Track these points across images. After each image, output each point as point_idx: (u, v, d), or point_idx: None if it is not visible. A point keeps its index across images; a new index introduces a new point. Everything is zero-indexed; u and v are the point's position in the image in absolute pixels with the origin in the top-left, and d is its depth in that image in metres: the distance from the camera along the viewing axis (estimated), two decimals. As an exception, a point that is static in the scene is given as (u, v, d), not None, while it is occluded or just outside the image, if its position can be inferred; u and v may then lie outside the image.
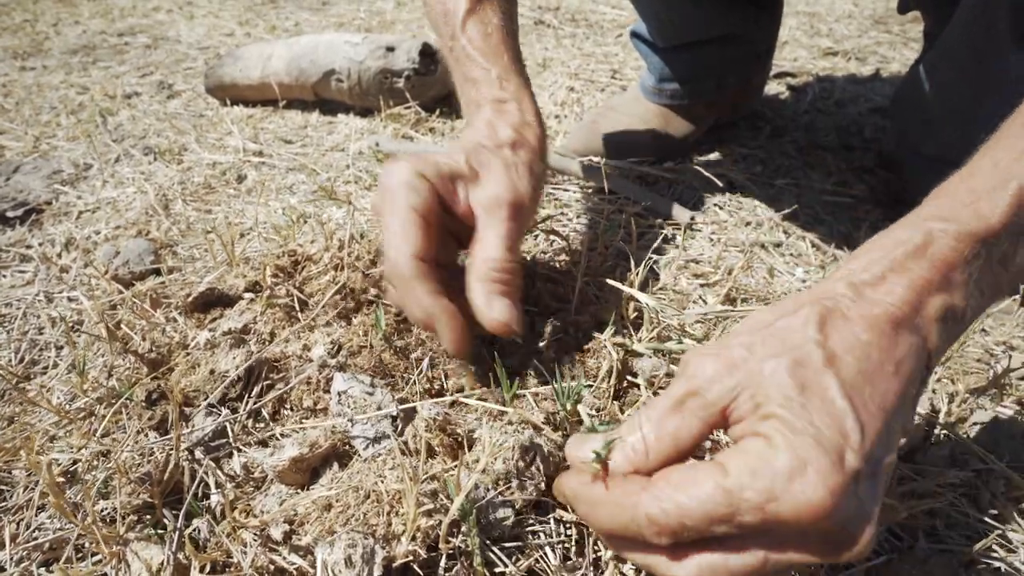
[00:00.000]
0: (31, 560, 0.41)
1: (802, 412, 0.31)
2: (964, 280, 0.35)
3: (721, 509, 0.30)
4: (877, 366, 0.33)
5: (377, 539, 0.38)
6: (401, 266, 0.45)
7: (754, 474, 0.30)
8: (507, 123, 0.54)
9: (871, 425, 0.31)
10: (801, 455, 0.30)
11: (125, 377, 0.53)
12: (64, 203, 0.86)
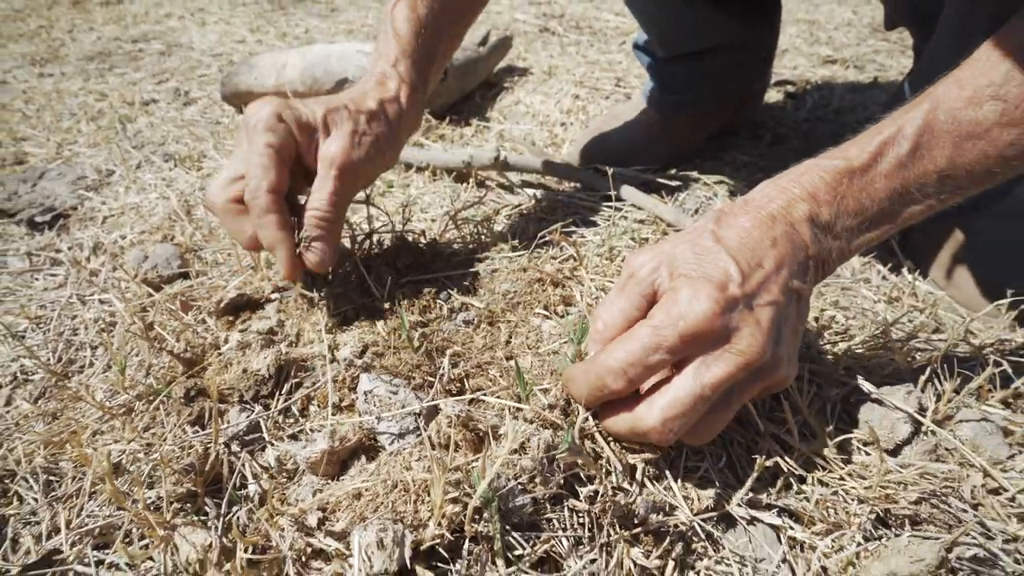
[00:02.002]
0: (84, 544, 0.45)
1: (699, 268, 0.44)
2: (828, 200, 0.48)
3: (650, 340, 0.42)
4: (756, 241, 0.46)
5: (406, 524, 0.41)
6: (260, 199, 0.54)
7: (667, 311, 0.43)
8: (377, 96, 0.61)
9: (751, 275, 0.44)
10: (697, 288, 0.43)
11: (161, 375, 0.56)
12: (89, 208, 0.89)
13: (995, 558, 0.44)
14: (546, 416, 0.47)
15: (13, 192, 0.91)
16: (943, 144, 0.47)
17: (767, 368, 0.44)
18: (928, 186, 0.48)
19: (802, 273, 0.46)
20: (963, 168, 0.47)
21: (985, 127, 0.46)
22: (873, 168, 0.48)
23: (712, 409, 0.44)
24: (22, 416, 0.57)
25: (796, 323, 0.47)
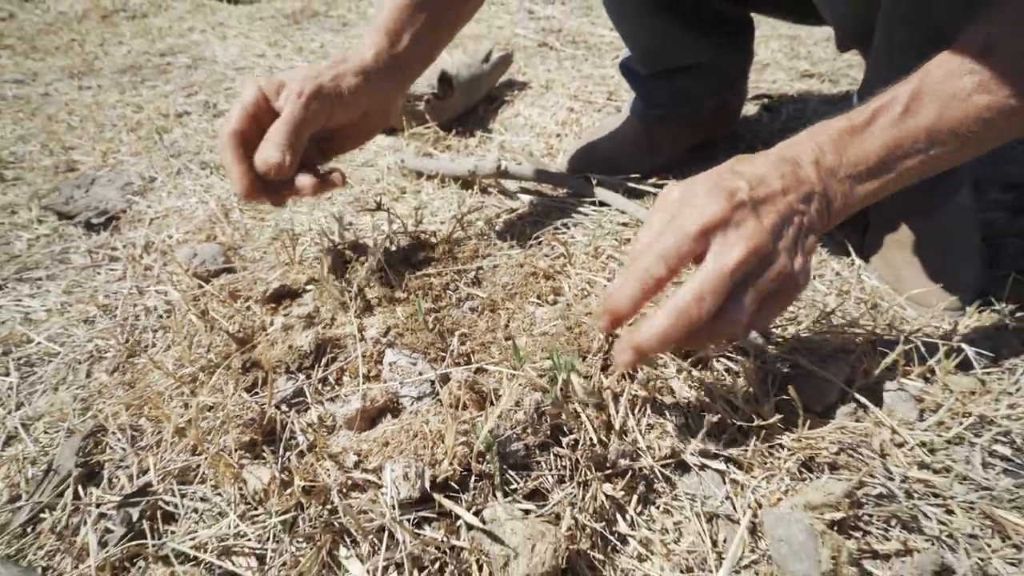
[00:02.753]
0: (167, 481, 0.56)
1: (716, 184, 0.53)
2: (832, 149, 0.57)
3: (680, 233, 0.51)
4: (765, 172, 0.54)
5: (425, 463, 0.52)
6: (221, 135, 0.66)
7: (691, 211, 0.52)
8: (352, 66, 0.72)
9: (757, 187, 0.53)
10: (712, 194, 0.52)
11: (218, 352, 0.67)
12: (137, 211, 1.01)
13: (893, 495, 0.55)
14: (536, 381, 0.58)
15: (69, 197, 1.03)
16: (930, 106, 0.56)
17: (771, 258, 0.52)
18: (919, 142, 0.57)
19: (807, 201, 0.56)
20: (947, 127, 0.57)
21: (965, 93, 0.56)
22: (871, 125, 0.57)
23: (733, 294, 0.51)
24: (103, 385, 0.68)
25: (803, 240, 0.55)
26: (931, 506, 0.55)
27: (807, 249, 0.55)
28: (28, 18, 1.97)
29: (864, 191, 0.59)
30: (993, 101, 0.56)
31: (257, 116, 0.67)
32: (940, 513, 0.54)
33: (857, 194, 0.59)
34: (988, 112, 0.56)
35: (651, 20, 1.00)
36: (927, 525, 0.54)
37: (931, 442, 0.59)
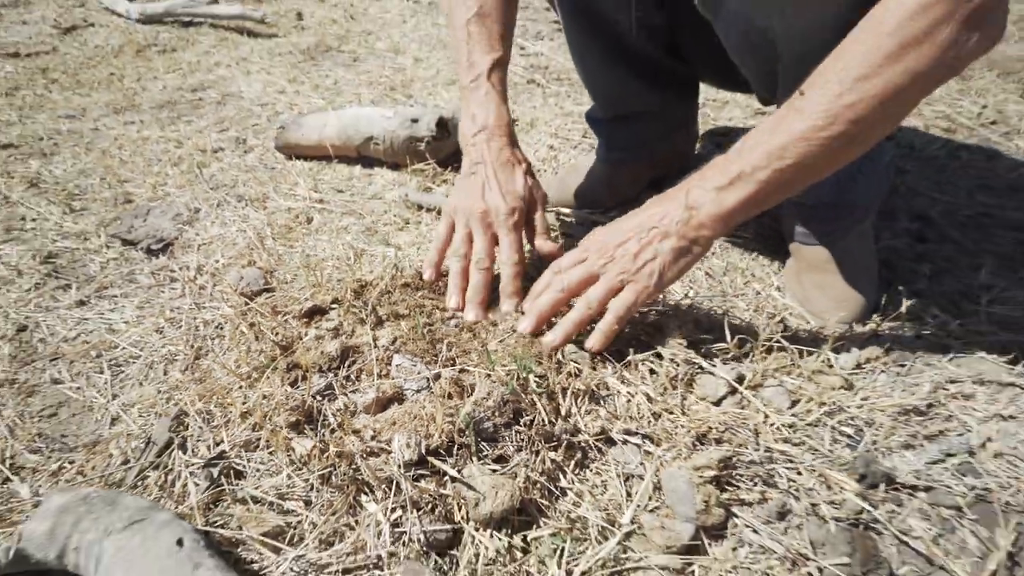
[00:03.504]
0: (235, 449, 0.78)
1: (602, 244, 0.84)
2: (700, 176, 0.80)
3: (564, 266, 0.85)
4: (637, 220, 0.83)
5: (421, 435, 0.74)
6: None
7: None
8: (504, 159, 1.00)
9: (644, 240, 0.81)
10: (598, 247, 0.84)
11: (266, 356, 0.89)
12: (187, 239, 1.22)
13: (758, 461, 0.76)
14: (503, 378, 0.79)
15: (130, 226, 1.25)
16: (757, 137, 0.77)
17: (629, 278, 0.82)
18: (759, 163, 0.76)
19: (665, 221, 0.81)
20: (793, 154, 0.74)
21: (782, 126, 0.75)
22: (726, 162, 0.79)
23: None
24: (178, 381, 0.90)
25: (661, 251, 0.81)
26: (785, 468, 0.76)
27: (659, 251, 0.81)
28: (69, 52, 2.18)
29: (731, 197, 0.78)
30: (807, 124, 0.73)
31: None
32: (791, 474, 0.76)
33: (726, 200, 0.78)
34: (808, 131, 0.73)
35: (608, 70, 1.21)
36: (780, 482, 0.75)
37: (793, 424, 0.81)
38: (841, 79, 0.71)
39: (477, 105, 0.99)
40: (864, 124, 0.72)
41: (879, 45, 0.69)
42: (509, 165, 0.97)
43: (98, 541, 0.60)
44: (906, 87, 0.70)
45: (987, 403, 0.85)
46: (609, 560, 0.67)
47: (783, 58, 0.90)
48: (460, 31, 1.00)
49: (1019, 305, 1.05)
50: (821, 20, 0.79)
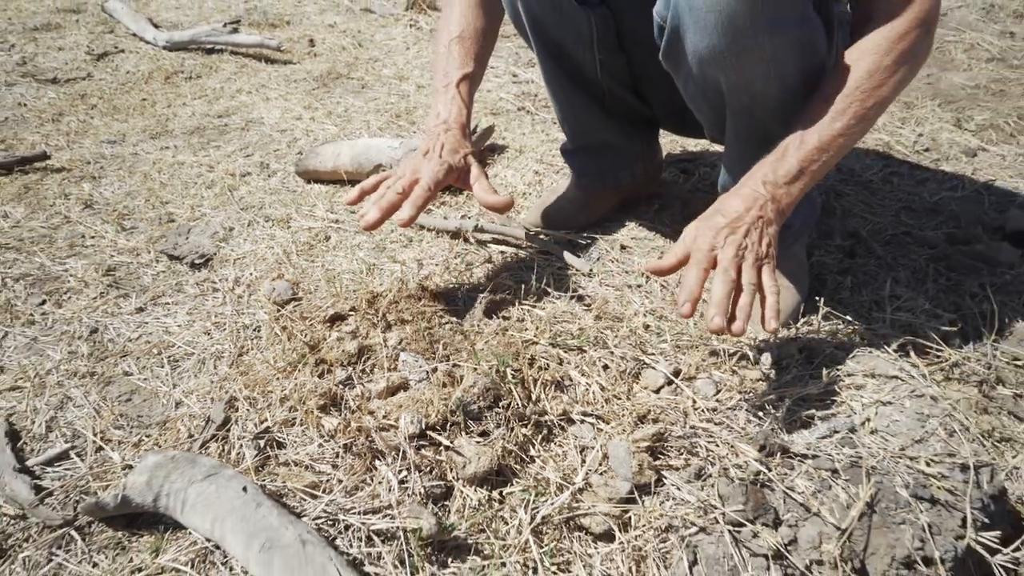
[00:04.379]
0: (278, 426, 0.99)
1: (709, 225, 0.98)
2: (772, 171, 0.98)
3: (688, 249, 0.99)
4: (735, 203, 0.97)
5: (422, 414, 0.95)
6: (420, 190, 1.14)
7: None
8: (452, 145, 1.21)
9: (730, 217, 0.97)
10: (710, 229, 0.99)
11: (298, 353, 1.10)
12: (224, 254, 1.44)
13: (685, 436, 0.98)
14: (486, 371, 1.01)
15: (175, 243, 1.46)
16: (812, 136, 0.97)
17: (745, 248, 0.96)
18: (813, 155, 0.97)
19: (763, 208, 0.97)
20: (824, 145, 0.97)
21: (826, 124, 0.96)
22: (786, 154, 0.98)
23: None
24: (227, 374, 1.12)
25: (765, 230, 0.97)
26: (705, 441, 0.98)
27: (770, 235, 0.98)
28: (103, 78, 2.40)
29: (797, 187, 0.99)
30: (843, 123, 0.97)
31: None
32: (710, 445, 0.97)
33: (794, 190, 0.99)
34: (844, 129, 0.98)
35: (574, 104, 1.42)
36: (700, 451, 0.96)
37: (716, 408, 1.02)
38: (862, 88, 0.97)
39: (443, 105, 1.23)
40: (875, 117, 1.00)
41: (881, 63, 0.96)
42: (457, 147, 1.20)
43: (183, 489, 0.82)
44: (898, 90, 0.99)
45: (873, 392, 1.06)
46: (564, 507, 0.89)
47: (729, 107, 1.12)
48: (442, 48, 1.27)
49: (919, 312, 1.27)
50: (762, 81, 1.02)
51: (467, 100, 1.25)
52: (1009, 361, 1.20)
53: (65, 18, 3.02)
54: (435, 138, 1.20)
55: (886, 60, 0.94)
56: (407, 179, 1.16)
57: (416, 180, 1.16)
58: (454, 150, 1.20)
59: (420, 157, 1.19)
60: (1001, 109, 2.04)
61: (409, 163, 1.19)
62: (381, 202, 1.13)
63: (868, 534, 0.88)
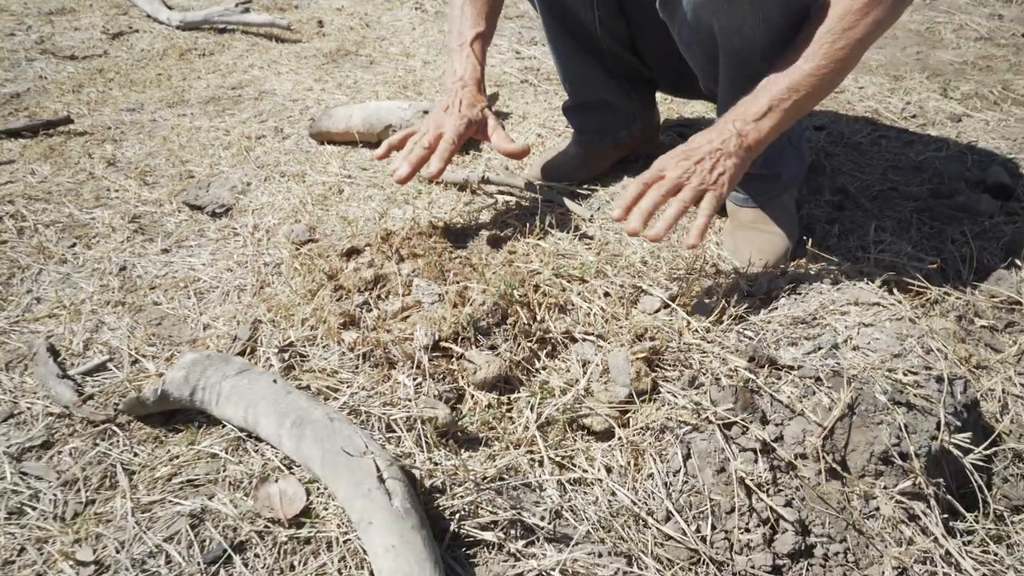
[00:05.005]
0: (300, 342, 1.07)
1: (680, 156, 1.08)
2: (741, 111, 1.07)
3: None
4: (703, 138, 1.06)
5: (436, 329, 1.03)
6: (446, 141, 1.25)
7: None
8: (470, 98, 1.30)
9: (696, 151, 1.06)
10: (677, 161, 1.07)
11: (317, 281, 1.18)
12: (243, 205, 1.51)
13: (679, 350, 1.05)
14: (492, 291, 1.08)
15: (196, 195, 1.54)
16: (781, 78, 1.05)
17: (704, 174, 1.05)
18: (783, 93, 1.05)
19: (725, 142, 1.06)
20: (795, 86, 1.04)
21: (796, 66, 1.04)
22: (757, 95, 1.06)
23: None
24: (250, 302, 1.19)
25: (723, 161, 1.05)
26: (698, 355, 1.05)
27: (726, 166, 1.06)
28: (119, 55, 2.48)
29: (766, 124, 1.06)
30: (814, 64, 1.04)
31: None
32: (702, 358, 1.04)
33: (763, 126, 1.06)
34: (814, 69, 1.04)
35: (575, 61, 1.50)
36: (693, 363, 1.04)
37: (709, 328, 1.10)
38: (834, 32, 1.03)
39: (459, 63, 1.31)
40: (849, 60, 1.05)
41: (852, 5, 1.02)
42: (475, 102, 1.28)
43: (218, 383, 0.89)
44: (873, 32, 1.03)
45: (856, 316, 1.13)
46: (567, 408, 0.96)
47: (722, 49, 1.20)
48: (456, 10, 1.35)
49: (902, 255, 1.34)
50: (750, 26, 1.09)
51: (480, 57, 1.32)
52: (986, 298, 1.27)
53: (79, 2, 3.10)
54: (453, 95, 1.28)
55: (856, 3, 1.01)
56: (432, 134, 1.23)
57: (440, 134, 1.24)
58: (472, 104, 1.27)
59: (441, 112, 1.27)
60: (987, 81, 2.12)
61: (432, 119, 1.27)
62: (410, 157, 1.21)
63: (848, 432, 0.95)
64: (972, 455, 0.97)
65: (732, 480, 0.90)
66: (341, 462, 0.75)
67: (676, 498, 0.90)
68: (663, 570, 0.81)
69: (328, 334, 1.06)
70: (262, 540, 0.77)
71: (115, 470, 0.87)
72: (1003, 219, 1.46)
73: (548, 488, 0.87)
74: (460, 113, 1.25)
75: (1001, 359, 1.19)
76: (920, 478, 0.92)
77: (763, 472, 0.91)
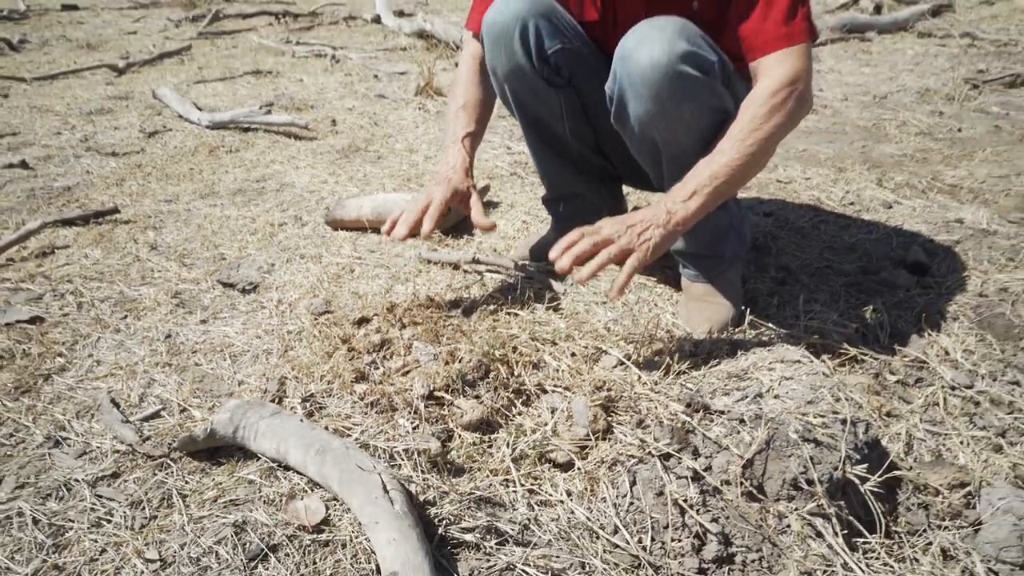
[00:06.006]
0: (319, 394, 1.30)
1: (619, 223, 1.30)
2: (670, 194, 1.32)
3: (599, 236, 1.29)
4: (638, 216, 1.29)
5: (430, 381, 1.26)
6: (434, 207, 1.48)
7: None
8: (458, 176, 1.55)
9: (629, 222, 1.30)
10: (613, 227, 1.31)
11: (333, 345, 1.41)
12: (268, 282, 1.77)
13: (631, 399, 1.28)
14: (477, 351, 1.32)
15: (228, 275, 1.80)
16: (705, 166, 1.29)
17: (632, 241, 1.27)
18: (705, 180, 1.27)
19: (655, 216, 1.28)
20: (714, 174, 1.28)
21: (716, 156, 1.30)
22: (685, 183, 1.29)
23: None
24: (276, 363, 1.42)
25: (652, 231, 1.27)
26: (646, 403, 1.27)
27: (652, 234, 1.28)
28: (155, 152, 2.80)
29: (692, 204, 1.28)
30: (729, 157, 1.29)
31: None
32: (648, 404, 1.27)
33: (690, 206, 1.28)
34: (730, 161, 1.30)
35: (551, 163, 1.78)
36: (642, 409, 1.26)
37: (657, 382, 1.33)
38: (742, 133, 1.28)
39: (451, 155, 1.59)
40: (759, 154, 1.30)
41: (757, 113, 1.28)
42: (461, 181, 1.55)
43: (256, 422, 1.12)
44: (776, 133, 1.29)
45: (780, 371, 1.36)
46: (537, 444, 1.18)
47: (663, 155, 1.48)
48: (451, 114, 1.65)
49: (829, 322, 1.58)
50: (684, 137, 1.37)
51: (470, 151, 1.61)
52: (899, 358, 1.51)
53: (117, 104, 3.47)
54: (444, 175, 1.55)
55: (761, 110, 1.28)
56: (423, 201, 1.50)
57: (431, 201, 1.50)
58: (459, 181, 1.54)
59: (432, 186, 1.54)
60: (920, 172, 2.42)
61: (424, 191, 1.54)
62: (405, 219, 1.47)
63: (765, 463, 1.17)
64: (869, 483, 1.18)
65: (668, 501, 1.11)
66: (355, 478, 0.97)
67: (623, 516, 1.11)
68: (609, 571, 1.02)
69: (342, 387, 1.30)
70: (291, 542, 0.98)
71: (171, 493, 1.09)
72: (918, 292, 1.71)
73: (519, 507, 1.09)
74: (448, 184, 1.52)
75: (910, 409, 1.41)
76: (823, 500, 1.13)
77: (694, 495, 1.12)
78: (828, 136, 2.81)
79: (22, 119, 3.16)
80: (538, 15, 1.48)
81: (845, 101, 3.28)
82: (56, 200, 2.29)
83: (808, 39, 1.30)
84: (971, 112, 3.11)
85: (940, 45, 4.48)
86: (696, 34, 1.32)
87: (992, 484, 1.26)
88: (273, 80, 3.86)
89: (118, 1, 6.41)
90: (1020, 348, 1.52)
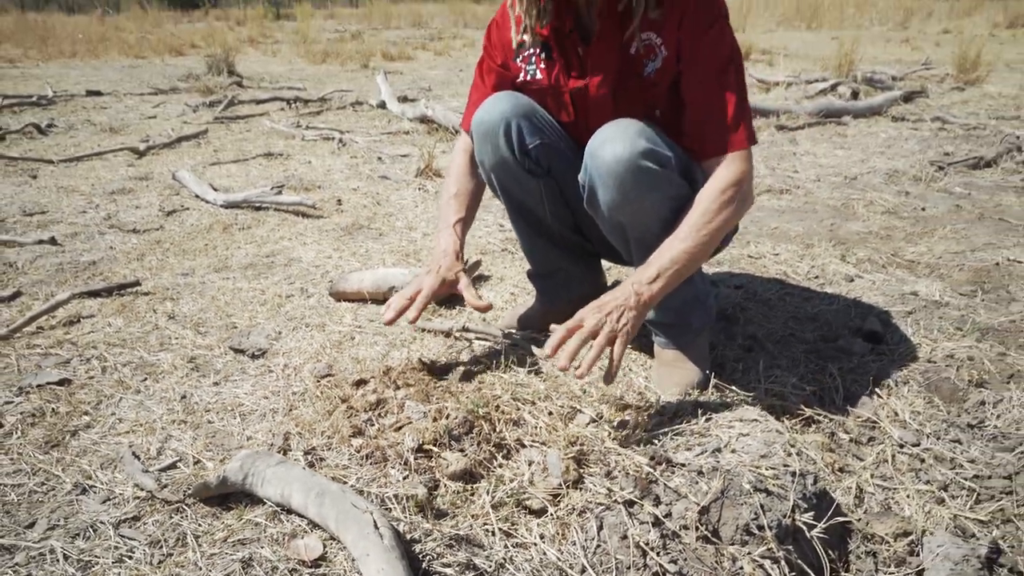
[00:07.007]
0: (320, 447, 1.44)
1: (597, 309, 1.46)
2: (636, 276, 1.47)
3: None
4: (608, 299, 1.46)
5: (420, 436, 1.40)
6: (422, 296, 1.65)
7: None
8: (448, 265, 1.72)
9: (604, 309, 1.45)
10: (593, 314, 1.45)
11: (333, 404, 1.56)
12: (276, 349, 1.93)
13: (601, 452, 1.42)
14: (463, 409, 1.47)
15: (239, 341, 1.96)
16: (665, 251, 1.49)
17: (611, 326, 1.44)
18: (666, 265, 1.47)
19: (625, 301, 1.42)
20: (674, 259, 1.47)
21: (675, 244, 1.48)
22: (648, 266, 1.45)
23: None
24: (282, 420, 1.57)
25: (626, 315, 1.42)
26: (615, 456, 1.41)
27: (628, 317, 1.44)
28: (173, 229, 3.01)
29: (656, 286, 1.46)
30: (685, 244, 1.47)
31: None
32: (618, 458, 1.41)
33: (654, 287, 1.46)
34: (686, 247, 1.47)
35: (535, 243, 1.96)
36: (610, 462, 1.40)
37: (627, 436, 1.47)
38: (696, 224, 1.47)
39: (443, 240, 1.76)
40: (711, 241, 1.47)
41: (709, 208, 1.46)
42: (452, 267, 1.71)
43: (263, 470, 1.26)
44: (725, 224, 1.47)
45: (738, 429, 1.51)
46: (513, 493, 1.31)
47: (630, 237, 1.66)
48: (444, 202, 1.84)
49: (786, 384, 1.73)
50: (647, 221, 1.56)
51: (460, 236, 1.79)
52: (852, 418, 1.65)
53: (137, 184, 3.71)
54: (435, 262, 1.73)
55: (712, 205, 1.48)
56: (413, 289, 1.67)
57: (420, 290, 1.67)
58: (449, 268, 1.72)
59: (424, 274, 1.72)
60: (882, 248, 2.60)
61: (417, 278, 1.72)
62: (394, 304, 1.64)
63: (720, 510, 1.30)
64: (816, 530, 1.31)
65: (631, 544, 1.24)
66: (350, 517, 1.10)
67: (590, 557, 1.23)
68: (576, 604, 1.14)
69: (341, 441, 1.44)
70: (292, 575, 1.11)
71: (186, 534, 1.22)
72: (872, 358, 1.86)
73: (496, 547, 1.21)
74: (438, 274, 1.69)
75: (862, 465, 1.54)
76: (772, 544, 1.26)
77: (655, 538, 1.25)
78: (799, 215, 3.02)
79: (50, 198, 3.39)
80: (520, 115, 1.69)
81: (817, 182, 3.50)
82: (82, 273, 2.48)
83: (748, 146, 1.52)
84: (935, 192, 3.33)
85: (912, 129, 4.76)
86: (654, 134, 1.52)
87: (933, 533, 1.39)
88: (284, 162, 4.12)
89: (139, 87, 6.80)
90: (964, 409, 1.67)
